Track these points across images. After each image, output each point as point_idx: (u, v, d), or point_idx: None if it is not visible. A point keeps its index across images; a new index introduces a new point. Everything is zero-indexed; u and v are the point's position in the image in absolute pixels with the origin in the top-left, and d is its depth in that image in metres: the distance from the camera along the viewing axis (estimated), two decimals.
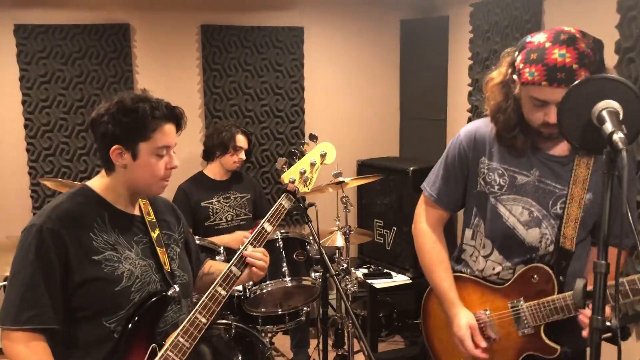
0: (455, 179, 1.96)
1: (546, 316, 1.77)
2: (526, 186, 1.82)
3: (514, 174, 1.83)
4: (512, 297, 1.85)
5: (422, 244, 2.04)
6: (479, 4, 3.84)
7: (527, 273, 1.82)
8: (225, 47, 4.30)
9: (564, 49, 1.58)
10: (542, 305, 1.77)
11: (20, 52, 4.00)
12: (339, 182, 3.21)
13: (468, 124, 2.01)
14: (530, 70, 1.62)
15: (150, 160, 1.70)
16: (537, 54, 1.61)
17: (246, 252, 1.83)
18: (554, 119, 1.59)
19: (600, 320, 1.15)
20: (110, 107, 1.67)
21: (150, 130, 1.67)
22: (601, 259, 1.18)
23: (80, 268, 1.61)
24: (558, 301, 1.74)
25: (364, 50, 4.63)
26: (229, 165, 3.72)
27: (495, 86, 1.81)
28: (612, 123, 1.24)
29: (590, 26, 2.89)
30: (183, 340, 1.69)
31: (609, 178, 1.20)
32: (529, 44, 1.66)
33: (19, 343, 1.57)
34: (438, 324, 2.04)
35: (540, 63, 1.60)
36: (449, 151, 1.98)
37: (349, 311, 2.38)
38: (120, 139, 1.67)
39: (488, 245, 1.91)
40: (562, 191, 1.79)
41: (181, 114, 1.76)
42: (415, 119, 4.66)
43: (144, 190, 1.78)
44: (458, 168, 1.95)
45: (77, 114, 4.12)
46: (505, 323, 1.85)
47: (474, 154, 1.91)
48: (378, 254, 4.28)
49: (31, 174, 4.12)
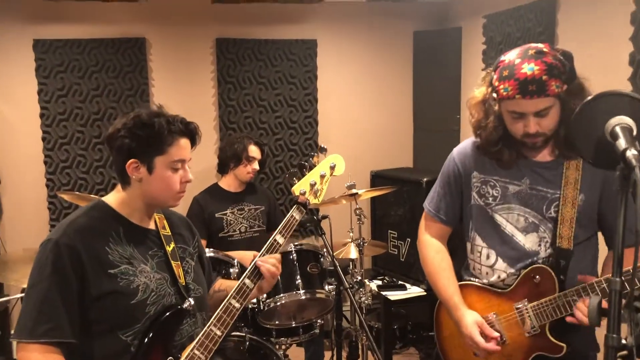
0: (451, 195, 2.08)
1: (549, 315, 1.81)
2: (519, 194, 1.89)
3: (506, 184, 1.91)
4: (516, 300, 1.89)
5: (426, 254, 2.12)
6: (492, 16, 3.84)
7: (529, 274, 1.86)
8: (239, 60, 4.34)
9: (532, 62, 1.68)
10: (545, 305, 1.82)
11: (39, 66, 4.07)
12: (352, 194, 3.22)
13: (460, 143, 2.13)
14: (504, 86, 1.72)
15: (165, 174, 1.72)
16: (509, 71, 1.72)
17: (259, 261, 1.86)
18: (533, 129, 1.74)
19: (616, 338, 1.14)
20: (127, 122, 1.70)
21: (166, 145, 1.70)
22: (616, 276, 1.17)
23: (97, 282, 1.63)
24: (559, 299, 1.79)
25: (377, 62, 4.64)
26: (243, 176, 3.74)
27: (476, 104, 1.92)
28: (626, 139, 1.23)
29: (603, 38, 2.90)
30: (199, 353, 1.70)
31: (622, 195, 1.19)
32: (501, 62, 1.77)
33: (35, 355, 1.58)
34: (450, 334, 2.07)
35: (512, 78, 1.70)
36: (444, 169, 2.12)
37: (363, 323, 2.38)
38: (136, 153, 1.69)
39: (492, 255, 1.96)
40: (554, 195, 1.85)
41: (196, 129, 1.79)
42: (428, 130, 4.65)
43: (159, 204, 1.81)
44: (453, 184, 2.07)
45: (93, 126, 4.18)
46: (512, 325, 1.90)
47: (466, 170, 2.02)
48: (392, 266, 4.26)
49: (48, 186, 4.18)
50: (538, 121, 1.74)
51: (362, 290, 3.28)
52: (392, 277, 4.18)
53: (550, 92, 1.68)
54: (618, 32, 2.77)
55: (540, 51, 1.71)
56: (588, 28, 3.03)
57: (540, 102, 1.70)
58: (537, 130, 1.75)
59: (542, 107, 1.71)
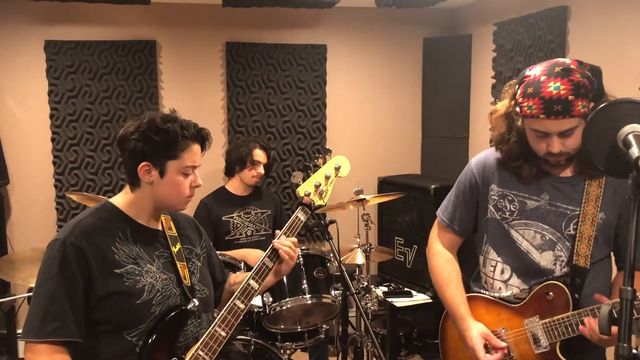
0: (466, 205, 2.02)
1: (561, 334, 1.77)
2: (537, 210, 1.84)
3: (524, 200, 1.86)
4: (527, 315, 1.86)
5: (435, 263, 2.09)
6: (502, 23, 3.83)
7: (542, 290, 1.83)
8: (249, 64, 4.35)
9: (558, 81, 1.62)
10: (557, 323, 1.78)
11: (50, 67, 4.09)
12: (360, 200, 3.21)
13: (479, 153, 2.06)
14: (529, 104, 1.67)
15: (177, 179, 1.74)
16: (534, 88, 1.66)
17: (276, 242, 1.88)
18: (556, 149, 1.69)
19: (627, 348, 1.13)
20: (141, 125, 1.71)
21: (179, 150, 1.72)
22: (627, 285, 1.16)
23: (103, 281, 1.64)
24: (573, 317, 1.75)
25: (386, 68, 4.64)
26: (248, 180, 3.74)
27: (499, 118, 1.86)
28: (639, 147, 1.22)
29: (615, 46, 2.89)
30: (203, 353, 1.70)
31: (635, 203, 1.18)
32: (527, 77, 1.71)
33: (42, 356, 1.59)
34: (456, 346, 2.04)
35: (537, 96, 1.64)
36: (461, 179, 2.05)
37: (369, 330, 2.37)
38: (149, 156, 1.71)
39: (507, 271, 1.92)
40: (574, 212, 1.80)
41: (207, 135, 1.81)
42: (437, 137, 4.64)
43: (168, 207, 1.83)
44: (469, 195, 2.01)
45: (102, 128, 4.20)
46: (522, 341, 1.86)
47: (484, 182, 1.96)
48: (398, 272, 4.25)
49: (57, 186, 4.19)
50: (562, 141, 1.69)
51: (368, 296, 3.26)
52: (398, 283, 4.17)
53: (576, 112, 1.62)
54: (630, 41, 2.76)
55: (567, 68, 1.65)
56: (599, 37, 3.02)
57: (565, 123, 1.65)
58: (560, 150, 1.70)
59: (566, 128, 1.66)
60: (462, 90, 4.40)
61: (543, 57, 3.35)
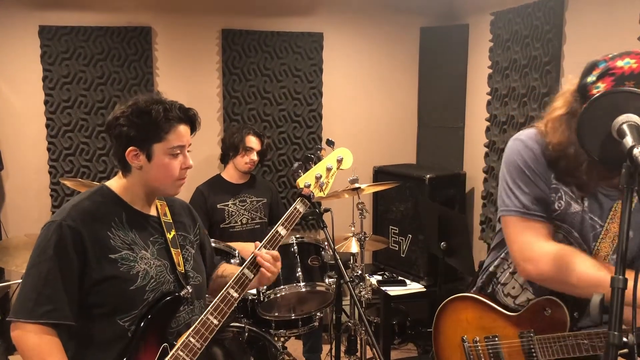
0: (537, 180, 1.67)
1: (556, 352, 1.70)
2: (575, 216, 1.67)
3: (570, 201, 1.67)
4: (522, 327, 1.79)
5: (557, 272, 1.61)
6: (499, 13, 3.82)
7: (540, 305, 1.76)
8: (245, 51, 4.33)
9: None
10: (552, 340, 1.71)
11: (44, 53, 4.06)
12: (355, 188, 3.22)
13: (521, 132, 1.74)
14: None
15: (164, 161, 1.72)
16: (635, 82, 1.43)
17: (257, 252, 1.83)
18: None
19: (617, 336, 1.14)
20: (125, 110, 1.71)
21: (163, 132, 1.71)
22: (619, 274, 1.16)
23: (97, 266, 1.64)
24: (569, 339, 1.67)
25: (383, 57, 4.63)
26: (241, 166, 3.75)
27: (559, 118, 1.60)
28: (633, 137, 1.23)
29: (611, 37, 2.88)
30: (194, 340, 1.70)
31: (628, 192, 1.19)
32: (616, 69, 1.46)
33: (31, 335, 1.59)
34: (450, 344, 1.98)
35: None
36: (518, 158, 1.69)
37: (363, 318, 2.38)
38: (135, 141, 1.70)
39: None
40: (601, 228, 1.67)
41: (195, 115, 1.79)
42: (433, 126, 4.64)
43: (160, 191, 1.81)
44: (537, 174, 1.67)
45: (97, 114, 4.18)
46: (514, 353, 1.80)
47: (546, 167, 1.67)
48: (393, 261, 4.27)
49: (51, 173, 4.18)
50: None
51: (362, 285, 3.28)
52: (392, 272, 4.19)
53: None
54: (626, 32, 2.75)
55: None
56: (596, 27, 3.01)
57: None
58: None
59: None
60: (459, 80, 4.39)
61: (539, 47, 3.34)
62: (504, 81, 3.75)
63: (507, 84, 3.70)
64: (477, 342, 1.88)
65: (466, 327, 1.92)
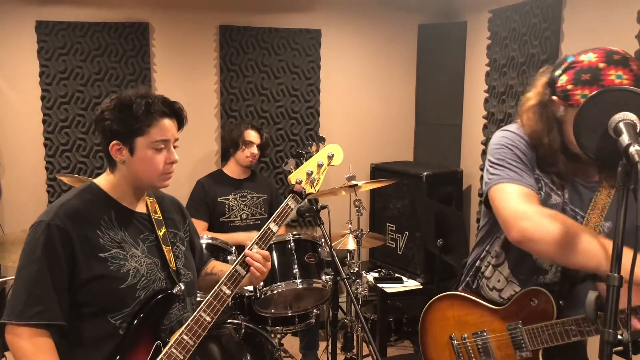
0: (527, 164, 1.70)
1: (544, 341, 1.72)
2: (555, 207, 1.70)
3: (550, 192, 1.73)
4: (510, 320, 1.80)
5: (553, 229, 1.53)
6: (497, 11, 3.82)
7: (526, 295, 1.77)
8: (242, 47, 4.32)
9: (619, 70, 1.51)
10: (540, 330, 1.73)
11: (41, 48, 4.05)
12: (352, 185, 3.21)
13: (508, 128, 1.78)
14: (584, 92, 1.53)
15: (147, 155, 1.70)
16: (591, 75, 1.53)
17: (248, 252, 1.83)
18: None
19: (612, 333, 1.14)
20: (109, 104, 1.71)
21: (145, 125, 1.69)
22: (614, 272, 1.17)
23: (87, 265, 1.63)
24: (557, 326, 1.70)
25: (381, 54, 4.62)
26: (243, 161, 3.76)
27: (531, 108, 1.69)
28: (629, 135, 1.23)
29: (609, 35, 2.89)
30: (187, 338, 1.70)
31: (623, 190, 1.19)
32: (577, 63, 1.57)
33: (24, 338, 1.58)
34: (436, 343, 1.98)
35: (596, 84, 1.52)
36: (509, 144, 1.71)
37: (359, 315, 2.38)
38: (117, 135, 1.69)
39: (501, 255, 1.87)
40: (582, 218, 1.71)
41: (180, 109, 1.78)
42: (430, 124, 4.64)
43: (145, 185, 1.79)
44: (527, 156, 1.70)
45: (94, 110, 4.16)
46: (503, 345, 1.81)
47: (532, 157, 1.72)
48: (389, 259, 4.27)
49: (48, 169, 4.17)
50: None
51: (359, 282, 3.28)
52: (389, 269, 4.19)
53: None
54: (624, 30, 2.76)
55: (625, 57, 1.54)
56: (594, 26, 3.01)
57: None
58: None
59: None
60: (456, 77, 4.39)
61: (537, 45, 3.35)
62: (501, 79, 3.75)
63: (504, 82, 3.70)
64: (465, 339, 1.89)
65: (453, 325, 1.93)
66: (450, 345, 1.92)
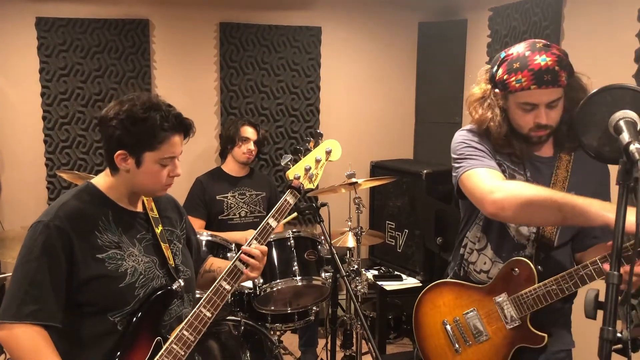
0: (487, 153, 1.87)
1: (530, 306, 1.80)
2: None
3: (514, 173, 1.88)
4: (496, 294, 1.89)
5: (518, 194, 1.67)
6: (498, 9, 3.82)
7: (507, 268, 1.86)
8: (242, 45, 4.32)
9: (543, 54, 1.70)
10: (524, 296, 1.81)
11: (41, 45, 4.04)
12: (352, 183, 3.21)
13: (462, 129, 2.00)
14: (517, 78, 1.73)
15: (153, 169, 1.70)
16: (520, 63, 1.72)
17: (245, 248, 1.83)
18: (545, 120, 1.74)
19: (611, 331, 1.14)
20: (120, 113, 1.66)
21: (157, 142, 1.67)
22: (614, 270, 1.17)
23: (85, 266, 1.63)
24: (539, 289, 1.77)
25: (381, 52, 4.62)
26: (240, 157, 3.76)
27: (476, 102, 1.89)
28: (629, 133, 1.23)
29: (610, 34, 2.89)
30: (187, 333, 1.71)
31: (624, 189, 1.19)
32: (509, 56, 1.77)
33: (19, 336, 1.57)
34: (430, 334, 2.05)
35: (525, 69, 1.71)
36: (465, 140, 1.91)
37: (358, 312, 2.38)
38: (126, 146, 1.67)
39: (483, 239, 1.96)
40: None
41: (190, 125, 1.76)
42: (430, 122, 4.64)
43: (144, 194, 1.81)
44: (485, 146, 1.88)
45: (94, 107, 4.16)
46: (494, 319, 1.90)
47: (487, 144, 1.89)
48: (389, 256, 4.27)
49: (48, 165, 4.17)
50: (547, 113, 1.74)
51: (359, 279, 3.28)
52: (388, 267, 4.20)
53: (562, 82, 1.70)
54: (624, 29, 2.76)
55: (547, 44, 1.74)
56: (594, 24, 3.01)
57: (553, 93, 1.71)
58: (547, 122, 1.75)
59: (554, 98, 1.72)
60: (456, 75, 4.39)
61: None
62: None
63: None
64: (457, 320, 1.98)
65: (444, 311, 2.02)
66: (444, 331, 2.00)
